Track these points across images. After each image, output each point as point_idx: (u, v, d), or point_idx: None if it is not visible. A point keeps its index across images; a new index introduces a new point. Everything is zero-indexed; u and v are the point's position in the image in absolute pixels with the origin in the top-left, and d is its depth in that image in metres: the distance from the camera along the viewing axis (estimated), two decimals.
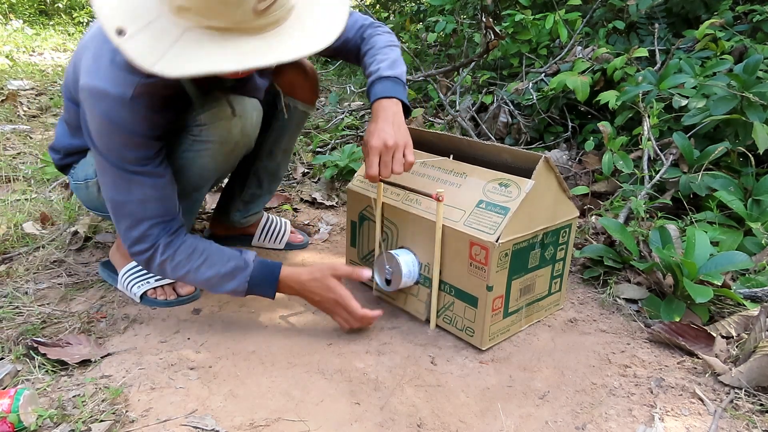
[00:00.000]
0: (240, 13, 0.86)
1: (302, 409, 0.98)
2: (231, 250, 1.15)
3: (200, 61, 0.87)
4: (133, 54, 0.86)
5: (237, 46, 0.89)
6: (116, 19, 0.87)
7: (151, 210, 1.09)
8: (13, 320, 1.20)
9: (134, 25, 0.87)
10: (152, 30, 0.88)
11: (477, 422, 0.96)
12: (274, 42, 0.91)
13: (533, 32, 2.43)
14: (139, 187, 1.07)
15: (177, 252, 1.11)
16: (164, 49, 0.87)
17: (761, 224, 1.41)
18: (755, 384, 1.01)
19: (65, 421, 0.92)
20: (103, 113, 1.01)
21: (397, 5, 4.10)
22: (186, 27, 0.88)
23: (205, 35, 0.88)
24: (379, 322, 1.24)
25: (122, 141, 1.04)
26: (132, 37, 0.86)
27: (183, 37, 0.88)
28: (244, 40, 0.89)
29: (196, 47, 0.88)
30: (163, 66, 0.86)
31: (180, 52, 0.87)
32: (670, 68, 1.79)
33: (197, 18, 0.87)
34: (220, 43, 0.88)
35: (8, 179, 2.06)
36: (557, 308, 1.30)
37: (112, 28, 0.86)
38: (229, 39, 0.89)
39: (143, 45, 0.87)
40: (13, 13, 6.40)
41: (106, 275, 1.38)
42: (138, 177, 1.07)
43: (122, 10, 0.88)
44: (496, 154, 1.24)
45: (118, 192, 1.08)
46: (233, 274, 1.12)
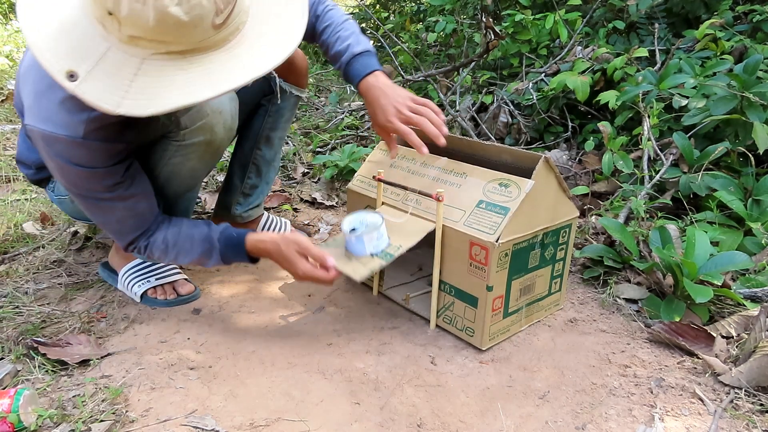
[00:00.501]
0: (199, 33, 0.81)
1: (302, 409, 0.98)
2: (199, 231, 1.15)
3: (170, 94, 0.81)
4: (92, 98, 0.79)
5: (204, 67, 0.83)
6: (62, 61, 0.80)
7: (129, 226, 1.11)
8: (13, 320, 1.20)
9: (85, 64, 0.80)
10: (106, 66, 0.80)
11: (477, 422, 0.96)
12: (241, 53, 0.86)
13: (533, 32, 2.43)
14: (112, 211, 1.08)
15: (154, 251, 1.14)
16: (125, 86, 0.80)
17: (761, 224, 1.41)
18: (755, 384, 1.01)
19: (65, 421, 0.93)
20: (57, 155, 0.97)
21: (397, 5, 4.10)
22: (143, 56, 0.81)
23: (166, 62, 0.82)
24: (379, 322, 1.24)
25: (84, 176, 1.00)
26: (86, 80, 0.79)
27: (143, 69, 0.81)
28: (209, 59, 0.84)
29: (159, 78, 0.81)
30: (129, 106, 0.80)
31: (144, 87, 0.81)
32: (670, 68, 1.79)
33: (153, 45, 0.80)
34: (184, 68, 0.82)
35: (8, 179, 2.06)
36: (557, 308, 1.30)
37: (60, 73, 0.79)
38: (193, 61, 0.83)
39: (101, 85, 0.80)
40: (14, 14, 6.40)
41: (106, 275, 1.38)
42: (109, 203, 1.06)
43: (66, 49, 0.80)
44: (496, 154, 1.24)
45: (95, 216, 1.10)
46: (207, 255, 1.15)
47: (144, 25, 0.77)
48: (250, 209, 1.55)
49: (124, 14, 0.77)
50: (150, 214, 1.13)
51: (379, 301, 1.33)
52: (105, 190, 1.03)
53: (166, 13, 0.76)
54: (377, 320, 1.25)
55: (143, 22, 0.77)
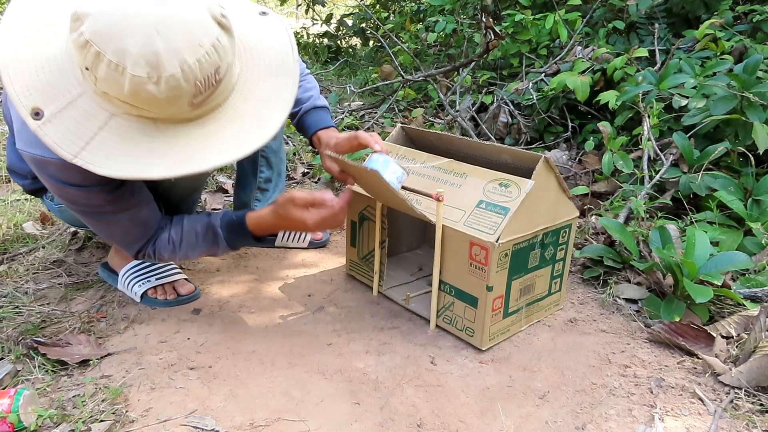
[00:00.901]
0: (173, 109, 0.80)
1: (302, 409, 0.98)
2: (201, 223, 1.14)
3: (126, 161, 0.80)
4: (52, 141, 0.78)
5: (169, 141, 0.81)
6: (31, 97, 0.78)
7: (133, 235, 1.10)
8: (13, 320, 1.20)
9: (53, 105, 0.78)
10: (74, 111, 0.79)
11: (477, 422, 0.96)
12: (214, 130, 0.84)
13: (533, 32, 2.43)
14: (115, 223, 1.06)
15: (162, 252, 1.14)
16: (88, 138, 0.79)
17: (761, 224, 1.41)
18: (755, 384, 1.01)
19: (65, 421, 0.93)
20: (51, 177, 0.95)
21: (397, 5, 4.10)
22: (113, 112, 0.80)
23: (133, 123, 0.80)
24: (379, 322, 1.24)
25: (80, 195, 0.98)
26: (50, 121, 0.78)
27: (109, 124, 0.80)
28: (179, 131, 0.82)
29: (123, 139, 0.80)
30: (86, 159, 0.79)
31: (104, 144, 0.79)
32: (670, 68, 1.79)
33: (125, 106, 0.79)
34: (151, 135, 0.81)
35: (8, 179, 2.06)
36: (557, 308, 1.30)
37: (26, 108, 0.77)
38: (161, 128, 0.81)
39: (64, 130, 0.78)
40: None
41: (106, 276, 1.38)
42: (111, 215, 1.04)
43: (38, 86, 0.78)
44: (496, 154, 1.24)
45: (99, 230, 1.10)
46: (214, 243, 1.15)
47: (118, 91, 0.77)
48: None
49: (101, 75, 0.75)
50: (153, 220, 1.12)
51: (379, 301, 1.34)
52: (105, 204, 1.02)
53: (141, 88, 0.75)
54: (377, 320, 1.25)
55: (117, 88, 0.76)
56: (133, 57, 0.73)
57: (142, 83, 0.75)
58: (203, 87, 0.79)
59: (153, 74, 0.75)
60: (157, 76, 0.75)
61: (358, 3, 4.04)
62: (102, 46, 0.73)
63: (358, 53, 4.29)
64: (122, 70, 0.74)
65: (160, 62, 0.74)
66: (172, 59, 0.75)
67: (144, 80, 0.75)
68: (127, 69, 0.74)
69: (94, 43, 0.73)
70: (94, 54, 0.74)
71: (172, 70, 0.75)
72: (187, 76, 0.77)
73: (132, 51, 0.73)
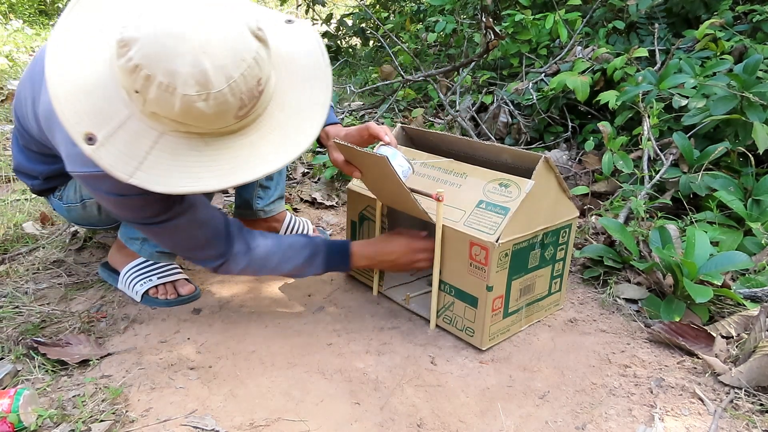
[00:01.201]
0: (220, 122, 0.83)
1: (302, 409, 0.98)
2: (298, 238, 1.19)
3: (181, 176, 0.83)
4: (107, 164, 0.81)
5: (217, 154, 0.85)
6: (83, 124, 0.81)
7: (202, 237, 1.09)
8: (13, 320, 1.20)
9: (104, 130, 0.81)
10: (124, 134, 0.82)
11: (477, 422, 0.96)
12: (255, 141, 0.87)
13: (533, 32, 2.43)
14: (178, 230, 1.06)
15: (254, 257, 1.14)
16: (141, 157, 0.82)
17: (761, 224, 1.41)
18: (755, 384, 1.01)
19: (65, 421, 0.93)
20: (108, 192, 0.97)
21: (397, 5, 4.10)
22: (161, 131, 0.83)
23: (182, 140, 0.84)
24: (379, 322, 1.24)
25: (140, 204, 0.99)
26: (103, 145, 0.81)
27: (160, 143, 0.83)
28: (225, 144, 0.86)
29: (174, 156, 0.83)
30: (141, 179, 0.82)
31: (157, 162, 0.83)
32: (670, 68, 1.79)
33: (174, 125, 0.82)
34: (199, 150, 0.84)
35: (8, 179, 2.06)
36: (557, 308, 1.30)
37: (79, 134, 0.81)
38: (209, 143, 0.85)
39: (117, 153, 0.82)
40: (13, 13, 6.40)
41: (107, 275, 1.38)
42: (172, 222, 1.04)
43: (86, 110, 0.82)
44: (496, 154, 1.24)
45: (164, 241, 1.10)
46: (310, 262, 1.18)
47: (168, 110, 0.80)
48: (271, 203, 1.55)
49: (151, 97, 0.78)
50: (216, 219, 1.11)
51: (379, 301, 1.34)
52: (162, 213, 1.02)
53: (192, 106, 0.79)
54: (377, 320, 1.25)
55: (168, 108, 0.79)
56: (183, 77, 0.76)
57: (192, 101, 0.78)
58: (247, 99, 0.83)
59: (202, 92, 0.78)
60: (206, 93, 0.78)
61: (358, 3, 4.04)
62: (152, 70, 0.76)
63: (358, 53, 4.29)
64: (173, 91, 0.77)
65: (209, 80, 0.77)
66: (219, 76, 0.78)
67: (194, 98, 0.78)
68: (178, 89, 0.77)
69: (144, 67, 0.76)
70: (144, 77, 0.77)
71: (220, 86, 0.78)
72: (233, 90, 0.80)
73: (181, 72, 0.76)
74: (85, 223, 1.32)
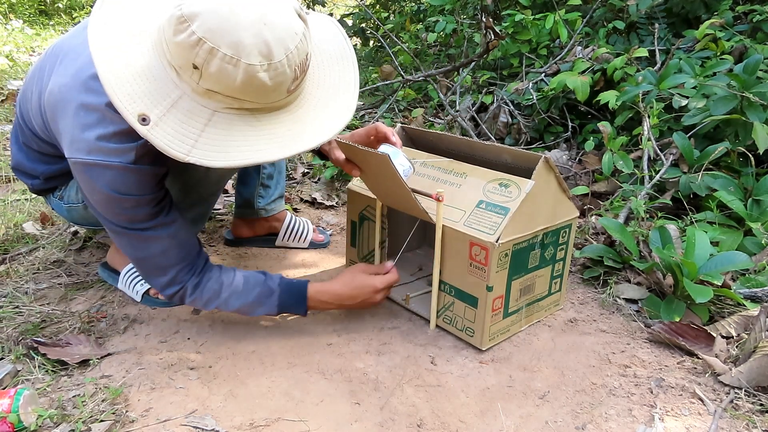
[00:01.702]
0: (275, 96, 0.86)
1: (302, 409, 0.98)
2: (255, 277, 1.13)
3: (239, 149, 0.85)
4: (163, 144, 0.83)
5: (272, 127, 0.88)
6: (135, 105, 0.83)
7: (173, 257, 1.07)
8: (13, 320, 1.20)
9: (156, 109, 0.83)
10: (177, 113, 0.84)
11: (477, 422, 0.96)
12: (302, 116, 0.91)
13: (533, 32, 2.43)
14: (155, 241, 1.04)
15: (204, 292, 1.10)
16: (195, 136, 0.84)
17: (761, 224, 1.41)
18: (755, 384, 1.01)
19: (65, 421, 0.93)
20: (106, 186, 0.95)
21: (397, 5, 4.10)
22: (214, 108, 0.85)
23: (235, 117, 0.86)
24: (379, 322, 1.24)
25: (131, 205, 0.99)
26: (157, 125, 0.83)
27: (213, 120, 0.85)
28: (276, 119, 0.89)
29: (229, 132, 0.85)
30: (199, 155, 0.83)
31: (213, 139, 0.84)
32: (670, 68, 1.79)
33: (228, 101, 0.84)
34: (253, 125, 0.87)
35: (8, 179, 2.06)
36: (557, 308, 1.30)
37: (133, 115, 0.82)
38: (261, 119, 0.87)
39: (172, 132, 0.83)
40: (13, 13, 6.40)
41: (107, 275, 1.38)
42: (152, 232, 1.03)
43: (138, 93, 0.83)
44: (496, 154, 1.24)
45: (136, 251, 1.06)
46: (260, 301, 1.13)
47: (228, 83, 0.82)
48: (272, 202, 1.56)
49: (212, 71, 0.80)
50: (191, 246, 1.09)
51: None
52: (148, 219, 1.01)
53: (254, 76, 0.81)
54: (377, 320, 1.25)
55: (229, 81, 0.81)
56: (248, 48, 0.79)
57: (255, 71, 0.81)
58: (299, 72, 0.87)
59: (264, 62, 0.81)
60: (267, 63, 0.81)
61: (358, 3, 4.04)
62: (216, 42, 0.79)
63: (358, 53, 4.29)
64: (236, 62, 0.80)
65: (271, 50, 0.81)
66: (279, 47, 0.81)
67: (257, 68, 0.81)
68: (242, 59, 0.80)
69: (207, 40, 0.79)
70: (208, 50, 0.79)
71: (280, 57, 0.82)
72: (290, 62, 0.83)
73: (246, 43, 0.79)
74: (85, 223, 1.32)
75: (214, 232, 1.70)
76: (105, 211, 1.01)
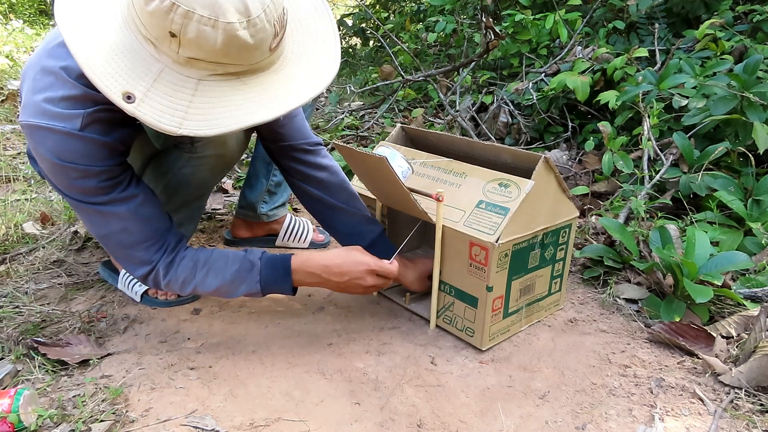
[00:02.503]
0: (258, 55, 0.84)
1: (302, 409, 0.98)
2: (235, 253, 1.08)
3: (230, 115, 0.83)
4: (152, 119, 0.80)
5: (260, 88, 0.85)
6: (118, 84, 0.80)
7: (136, 235, 1.02)
8: (13, 320, 1.20)
9: (140, 86, 0.80)
10: (162, 86, 0.81)
11: (477, 422, 0.96)
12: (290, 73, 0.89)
13: (533, 32, 2.43)
14: (114, 217, 0.99)
15: (179, 270, 1.05)
16: (184, 107, 0.81)
17: (761, 224, 1.41)
18: (755, 384, 1.01)
19: (65, 421, 0.93)
20: (50, 151, 0.92)
21: (397, 5, 4.11)
22: (198, 77, 0.82)
23: (221, 82, 0.84)
24: (378, 322, 1.24)
25: (79, 175, 0.94)
26: (143, 101, 0.80)
27: (199, 90, 0.82)
28: (262, 80, 0.86)
29: (218, 98, 0.83)
30: (191, 126, 0.81)
31: (203, 107, 0.82)
32: (670, 68, 1.79)
33: (211, 66, 0.82)
34: (240, 89, 0.84)
35: (8, 179, 2.06)
36: (557, 308, 1.30)
37: (117, 94, 0.79)
38: (247, 82, 0.85)
39: (159, 106, 0.81)
40: (13, 13, 6.40)
41: (107, 275, 1.38)
42: (109, 207, 0.98)
43: (118, 71, 0.80)
44: (496, 154, 1.24)
45: (96, 227, 1.02)
46: (241, 277, 1.06)
47: (209, 47, 0.79)
48: (276, 208, 1.55)
49: (191, 36, 0.78)
50: (160, 222, 1.04)
51: (379, 301, 1.33)
52: (101, 193, 0.97)
53: (234, 36, 0.78)
54: (377, 320, 1.25)
55: (210, 44, 0.79)
56: (224, 6, 0.77)
57: (234, 30, 0.78)
58: (279, 28, 0.84)
59: (242, 19, 0.78)
60: (246, 20, 0.78)
61: (358, 3, 4.04)
62: (190, 4, 0.76)
63: (358, 53, 4.29)
64: (214, 23, 0.77)
65: (248, 7, 0.78)
66: (255, 2, 0.79)
67: (236, 27, 0.78)
68: (219, 19, 0.77)
69: (181, 4, 0.76)
70: (183, 14, 0.76)
71: (257, 12, 0.79)
72: (268, 17, 0.81)
73: (221, 2, 0.77)
74: None
75: (214, 231, 1.70)
76: (55, 180, 0.97)
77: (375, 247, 1.20)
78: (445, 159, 1.24)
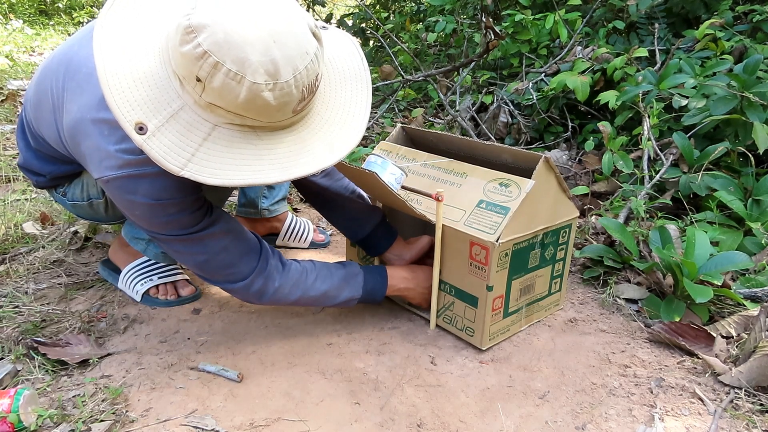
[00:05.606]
0: (279, 116, 0.83)
1: (302, 409, 0.98)
2: (333, 263, 1.15)
3: (238, 169, 0.81)
4: (158, 155, 0.79)
5: (273, 148, 0.84)
6: (134, 112, 0.79)
7: (236, 250, 1.03)
8: (13, 320, 1.20)
9: (155, 119, 0.80)
10: (176, 124, 0.81)
11: (477, 422, 0.96)
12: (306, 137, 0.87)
13: (533, 32, 2.43)
14: (211, 239, 1.00)
15: (290, 273, 1.08)
16: (192, 149, 0.80)
17: (761, 224, 1.41)
18: (755, 384, 1.01)
19: (65, 421, 0.93)
20: (145, 195, 0.93)
21: (397, 5, 4.10)
22: (215, 123, 0.82)
23: (236, 133, 0.83)
24: (379, 322, 1.24)
25: (176, 210, 0.96)
26: (154, 135, 0.79)
27: (213, 135, 0.81)
28: (278, 139, 0.85)
29: (228, 149, 0.82)
30: (194, 170, 0.80)
31: (211, 154, 0.81)
32: (670, 68, 1.79)
33: (229, 115, 0.81)
34: (254, 144, 0.83)
35: (8, 179, 2.06)
36: (557, 308, 1.30)
37: (130, 123, 0.79)
38: (263, 137, 0.84)
39: (168, 143, 0.80)
40: (13, 13, 6.40)
41: (107, 274, 1.38)
42: (205, 232, 1.00)
43: (138, 100, 0.80)
44: (496, 154, 1.24)
45: (195, 255, 1.02)
46: (346, 282, 1.12)
47: (230, 99, 0.78)
48: (276, 203, 1.55)
49: (215, 85, 0.77)
50: (249, 233, 1.07)
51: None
52: (197, 222, 0.98)
53: (258, 95, 0.78)
54: (377, 320, 1.25)
55: (232, 97, 0.78)
56: (253, 66, 0.76)
57: (259, 90, 0.77)
58: (307, 93, 0.83)
59: (270, 81, 0.77)
60: (273, 83, 0.78)
61: (358, 3, 4.04)
62: (221, 57, 0.75)
63: None
64: (240, 79, 0.76)
65: (278, 70, 0.77)
66: (287, 67, 0.78)
67: (261, 87, 0.77)
68: (246, 77, 0.76)
69: (212, 54, 0.75)
70: (212, 64, 0.76)
71: (287, 77, 0.78)
72: (297, 82, 0.80)
73: (252, 60, 0.76)
74: (88, 218, 1.32)
75: None
76: (150, 224, 0.98)
77: (377, 233, 1.24)
78: (445, 159, 1.24)
